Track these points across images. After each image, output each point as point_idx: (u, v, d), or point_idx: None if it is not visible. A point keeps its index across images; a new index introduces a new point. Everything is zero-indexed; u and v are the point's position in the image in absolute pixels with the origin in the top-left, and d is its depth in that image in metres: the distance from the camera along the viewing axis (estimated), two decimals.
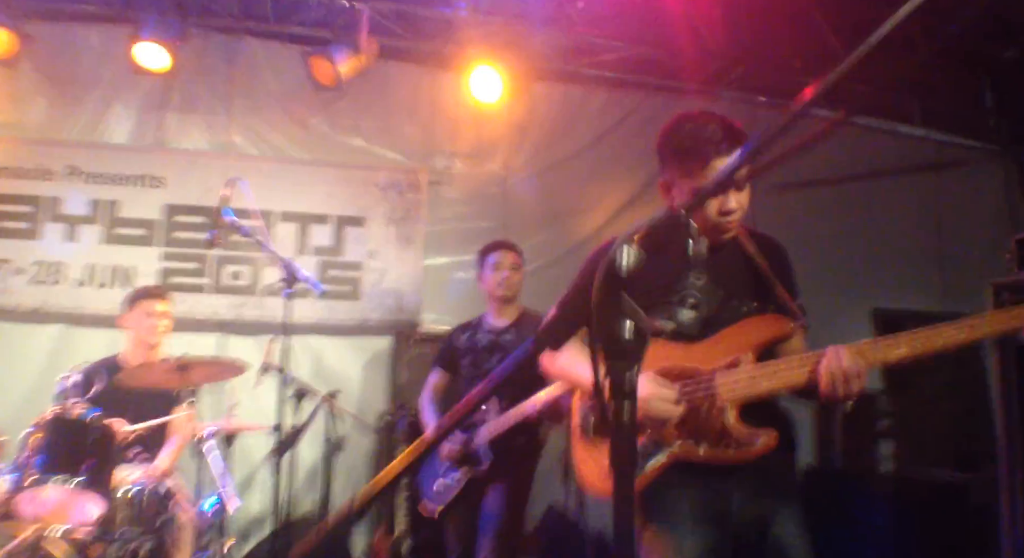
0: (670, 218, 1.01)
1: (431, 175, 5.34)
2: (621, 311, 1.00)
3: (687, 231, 1.02)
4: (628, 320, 1.00)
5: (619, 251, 1.00)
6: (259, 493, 4.69)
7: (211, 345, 4.81)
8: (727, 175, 1.01)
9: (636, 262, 0.99)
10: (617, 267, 0.99)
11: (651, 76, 5.76)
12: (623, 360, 1.00)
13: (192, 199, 4.87)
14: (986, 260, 6.34)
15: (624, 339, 1.00)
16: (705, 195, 1.01)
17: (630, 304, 1.00)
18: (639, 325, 1.00)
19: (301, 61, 4.90)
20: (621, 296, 1.00)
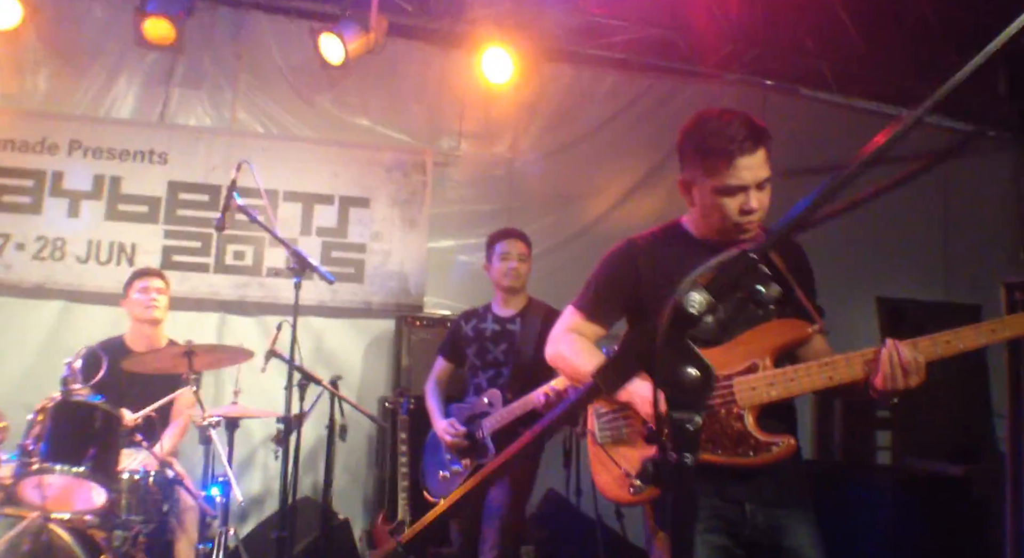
0: (738, 260, 0.97)
1: (437, 156, 5.28)
2: (685, 357, 0.96)
3: (756, 274, 0.97)
4: (692, 368, 0.96)
5: (686, 294, 0.95)
6: (257, 475, 4.72)
7: (212, 325, 4.80)
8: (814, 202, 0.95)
9: (704, 306, 0.94)
10: (684, 311, 0.95)
11: (662, 58, 5.67)
12: (685, 410, 0.96)
13: (196, 176, 4.81)
14: (991, 251, 6.33)
15: (687, 388, 0.96)
16: (775, 239, 0.95)
17: (694, 350, 0.96)
18: (704, 373, 0.96)
19: (309, 37, 4.80)
20: (686, 341, 0.96)
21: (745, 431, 2.03)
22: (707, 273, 0.96)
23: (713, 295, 0.94)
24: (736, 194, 2.06)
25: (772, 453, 2.02)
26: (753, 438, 2.02)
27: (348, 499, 4.77)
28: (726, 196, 2.07)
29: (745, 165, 2.03)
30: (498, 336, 3.62)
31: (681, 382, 0.96)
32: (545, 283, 4.21)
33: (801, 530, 2.08)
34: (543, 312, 3.65)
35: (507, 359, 3.56)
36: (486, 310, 3.74)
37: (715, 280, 0.95)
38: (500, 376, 3.55)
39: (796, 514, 2.10)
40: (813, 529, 2.11)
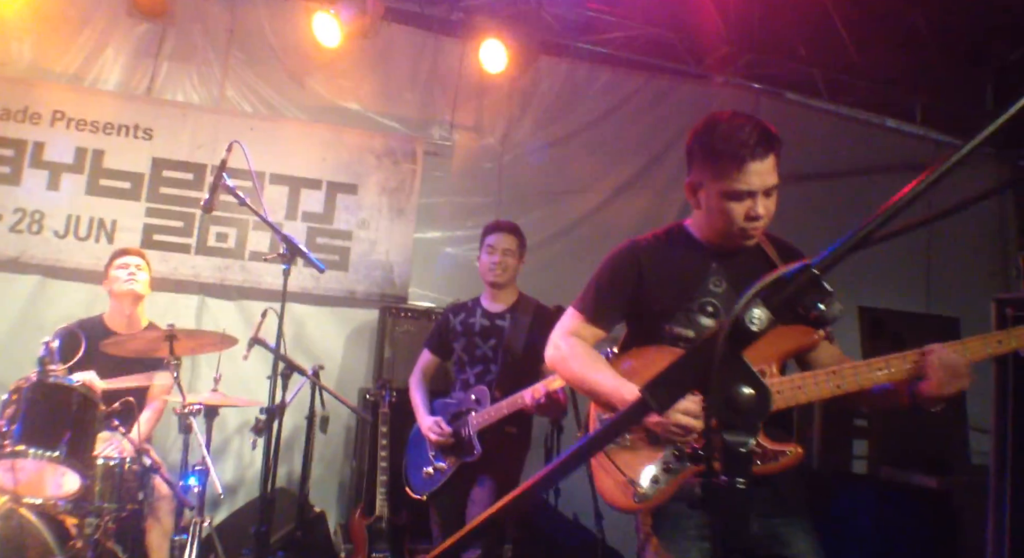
0: (800, 274, 0.92)
1: (428, 145, 5.20)
2: (741, 376, 0.91)
3: (818, 290, 0.92)
4: (747, 387, 0.91)
5: (747, 310, 0.90)
6: (231, 464, 4.63)
7: (192, 307, 4.69)
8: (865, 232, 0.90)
9: (765, 323, 0.89)
10: (744, 328, 0.89)
11: (657, 57, 5.64)
12: (739, 433, 0.92)
13: (181, 154, 4.69)
14: (973, 265, 6.41)
15: (742, 408, 0.91)
16: (842, 254, 0.90)
17: (750, 369, 0.91)
18: (760, 394, 0.91)
19: (304, 17, 4.70)
20: (742, 359, 0.91)
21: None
22: (766, 286, 0.91)
23: (773, 312, 0.89)
24: (744, 199, 2.04)
25: (780, 462, 2.01)
26: (761, 447, 2.01)
27: (323, 491, 4.70)
28: (733, 201, 2.05)
29: (755, 170, 2.01)
30: (487, 331, 3.56)
31: (736, 402, 0.91)
32: (532, 279, 4.16)
33: (800, 538, 2.09)
34: (533, 308, 3.60)
35: (496, 355, 3.50)
36: (475, 304, 3.68)
37: (775, 296, 0.91)
38: (488, 372, 3.50)
39: (795, 523, 2.10)
40: (812, 537, 2.11)
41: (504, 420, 3.31)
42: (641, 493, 2.06)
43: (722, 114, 2.12)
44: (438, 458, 3.43)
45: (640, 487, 2.06)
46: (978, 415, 5.41)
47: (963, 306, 5.79)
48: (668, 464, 2.06)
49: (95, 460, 3.05)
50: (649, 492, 2.06)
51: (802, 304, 0.91)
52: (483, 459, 3.32)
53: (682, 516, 2.06)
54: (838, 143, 6.07)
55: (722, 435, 0.91)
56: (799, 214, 5.93)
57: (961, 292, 6.11)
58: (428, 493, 3.44)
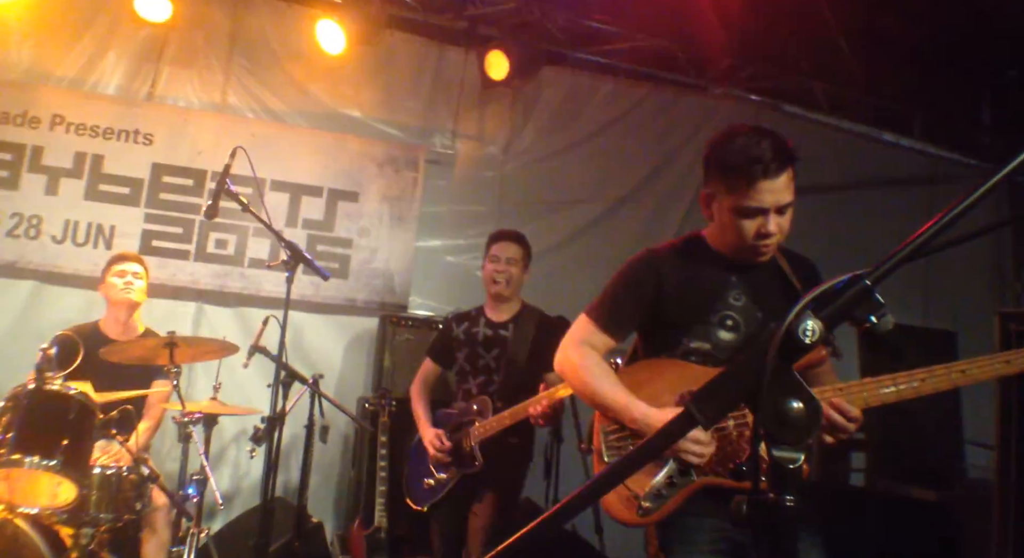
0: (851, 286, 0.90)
1: (430, 154, 5.18)
2: (791, 390, 0.89)
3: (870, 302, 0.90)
4: (797, 401, 0.89)
5: (800, 322, 0.87)
6: (228, 473, 4.58)
7: (189, 315, 4.65)
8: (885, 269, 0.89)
9: (818, 336, 0.87)
10: (797, 340, 0.87)
11: (660, 69, 5.65)
12: (788, 448, 0.89)
13: (181, 159, 4.66)
14: (969, 279, 6.42)
15: (791, 423, 0.88)
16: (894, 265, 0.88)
17: (801, 383, 0.89)
18: (810, 408, 0.89)
19: (307, 24, 4.69)
20: (792, 373, 0.89)
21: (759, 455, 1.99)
22: (817, 297, 0.89)
23: (824, 324, 0.87)
24: (755, 216, 2.03)
25: None
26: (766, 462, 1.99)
27: (320, 501, 4.65)
28: (745, 217, 2.04)
29: (767, 188, 1.99)
30: (490, 341, 3.53)
31: (785, 417, 0.88)
32: (533, 288, 4.13)
33: (809, 554, 2.06)
34: (537, 318, 3.57)
35: (499, 366, 3.47)
36: (479, 313, 3.65)
37: (825, 307, 0.88)
38: (491, 383, 3.46)
39: (804, 538, 2.08)
40: (821, 552, 2.09)
41: (506, 431, 3.28)
42: (645, 507, 2.04)
43: (741, 127, 2.10)
44: (439, 469, 3.39)
45: (644, 501, 2.04)
46: (974, 429, 5.42)
47: (961, 320, 5.81)
48: (672, 478, 2.04)
49: (92, 469, 3.00)
50: (653, 506, 2.04)
51: (854, 316, 0.88)
52: (485, 470, 3.28)
53: (693, 530, 2.05)
54: (837, 156, 6.08)
55: (771, 451, 0.89)
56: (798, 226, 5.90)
57: (958, 306, 6.13)
58: (429, 504, 3.40)
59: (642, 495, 2.07)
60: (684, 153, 5.59)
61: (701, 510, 2.03)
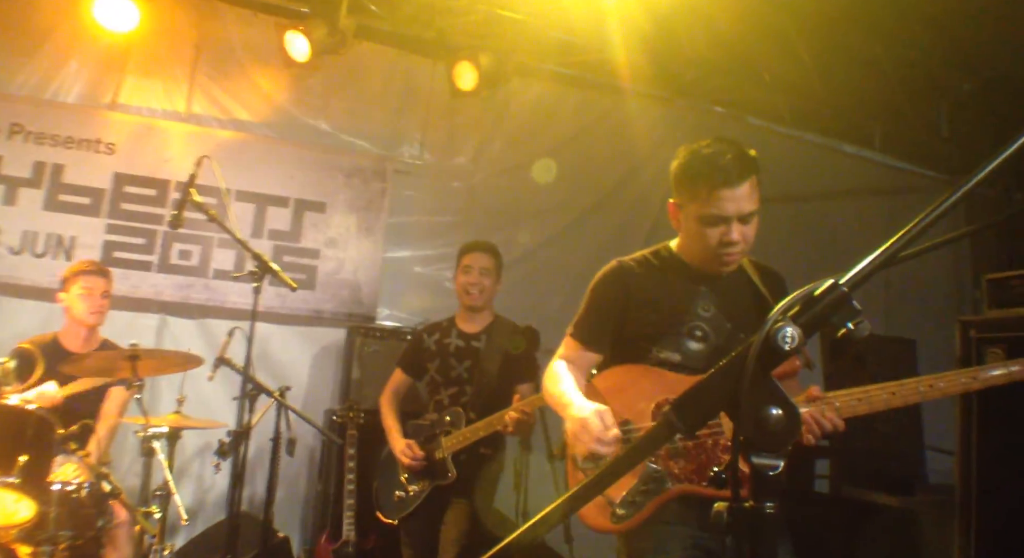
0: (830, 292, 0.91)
1: (398, 164, 5.16)
2: (770, 397, 0.89)
3: (847, 308, 0.91)
4: (776, 408, 0.89)
5: (779, 329, 0.87)
6: (191, 488, 4.49)
7: (152, 327, 4.55)
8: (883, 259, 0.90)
9: (797, 342, 0.87)
10: (776, 347, 0.87)
11: (626, 81, 5.70)
12: (767, 455, 0.89)
13: (144, 169, 4.57)
14: (929, 288, 6.56)
15: (771, 430, 0.88)
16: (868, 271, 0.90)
17: (780, 389, 0.89)
18: (789, 415, 0.89)
19: (274, 33, 4.64)
20: (771, 379, 0.89)
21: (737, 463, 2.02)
22: (796, 306, 0.90)
23: (803, 330, 0.88)
24: (718, 224, 2.06)
25: None
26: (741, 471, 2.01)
27: (287, 515, 4.58)
28: (708, 225, 2.07)
29: (728, 196, 2.03)
30: (462, 352, 3.52)
31: (764, 424, 0.89)
32: (502, 299, 4.13)
33: None
34: (508, 330, 3.57)
35: (471, 376, 3.46)
36: (450, 324, 3.64)
37: (804, 313, 0.89)
38: (463, 394, 3.45)
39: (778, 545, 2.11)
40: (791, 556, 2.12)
41: (478, 442, 3.27)
42: (619, 514, 2.05)
43: (704, 140, 2.15)
44: (411, 481, 3.37)
45: (618, 508, 2.05)
46: (934, 435, 5.52)
47: (921, 328, 5.93)
48: (647, 485, 2.05)
49: (51, 486, 2.92)
50: (627, 513, 2.05)
51: (832, 322, 0.89)
52: (457, 482, 3.27)
53: (666, 538, 2.06)
54: (800, 168, 6.19)
55: (751, 458, 0.89)
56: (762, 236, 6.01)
57: (918, 314, 6.25)
58: (400, 517, 3.37)
59: (617, 502, 2.07)
60: (651, 163, 5.64)
61: (675, 518, 2.04)
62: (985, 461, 3.30)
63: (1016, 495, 3.16)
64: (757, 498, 0.89)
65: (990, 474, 3.28)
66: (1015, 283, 3.17)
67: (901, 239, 0.87)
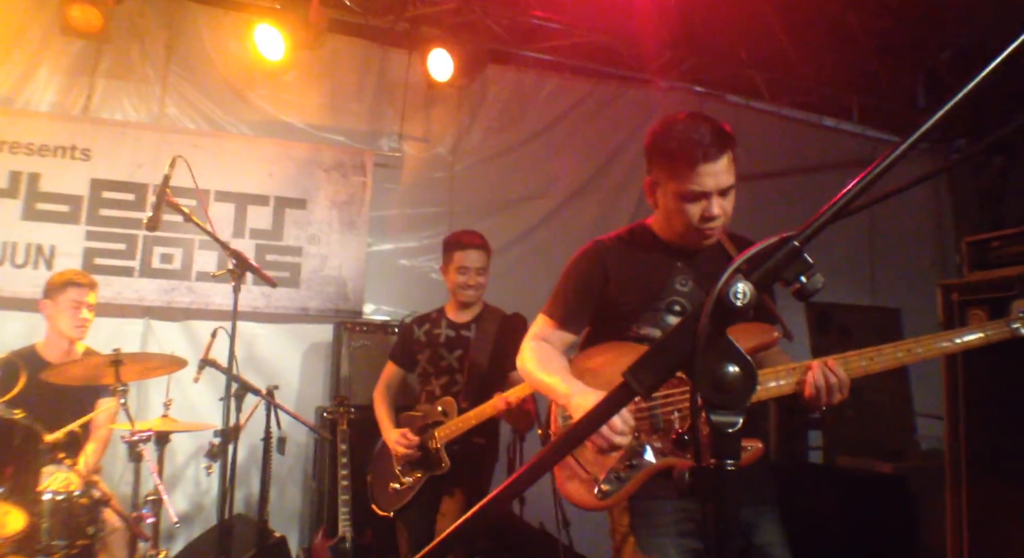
0: (781, 247, 0.90)
1: (377, 157, 5.13)
2: (726, 354, 0.88)
3: (799, 262, 0.90)
4: (733, 365, 0.89)
5: (729, 284, 0.87)
6: (186, 491, 4.47)
7: (136, 333, 4.52)
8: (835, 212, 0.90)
9: (749, 298, 0.87)
10: (728, 303, 0.87)
11: (602, 63, 5.69)
12: (726, 413, 0.89)
13: (121, 174, 4.53)
14: (913, 258, 6.60)
15: (728, 387, 0.88)
16: (820, 226, 0.89)
17: (735, 347, 0.89)
18: (746, 371, 0.88)
19: (245, 30, 4.60)
20: (727, 337, 0.88)
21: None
22: (747, 262, 0.90)
23: (755, 286, 0.88)
24: (699, 200, 2.05)
25: (742, 458, 2.02)
26: None
27: (282, 515, 4.58)
28: (689, 201, 2.06)
29: (708, 171, 2.02)
30: (452, 342, 3.51)
31: (721, 381, 0.88)
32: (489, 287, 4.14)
33: (770, 527, 2.13)
34: (498, 318, 3.56)
35: (462, 366, 3.45)
36: (440, 315, 3.62)
37: (756, 270, 0.89)
38: (454, 383, 3.44)
39: (764, 512, 2.14)
40: (780, 527, 2.16)
41: (472, 431, 3.27)
42: (604, 490, 2.06)
43: (678, 115, 2.13)
44: (405, 472, 3.36)
45: (603, 484, 2.05)
46: (924, 401, 5.57)
47: (906, 297, 5.97)
48: (631, 460, 2.05)
49: (41, 496, 2.90)
50: (612, 489, 2.05)
51: (784, 277, 0.89)
52: (452, 472, 3.26)
53: (657, 513, 2.06)
54: (779, 143, 6.21)
55: (709, 416, 0.89)
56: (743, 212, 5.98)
57: (904, 284, 6.29)
58: (396, 509, 3.36)
59: (601, 479, 2.08)
60: (631, 146, 5.63)
61: (664, 492, 2.05)
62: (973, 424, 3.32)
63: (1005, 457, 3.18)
64: (718, 456, 0.89)
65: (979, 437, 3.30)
66: (995, 245, 3.18)
67: (850, 192, 0.87)
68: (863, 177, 0.87)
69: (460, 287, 3.49)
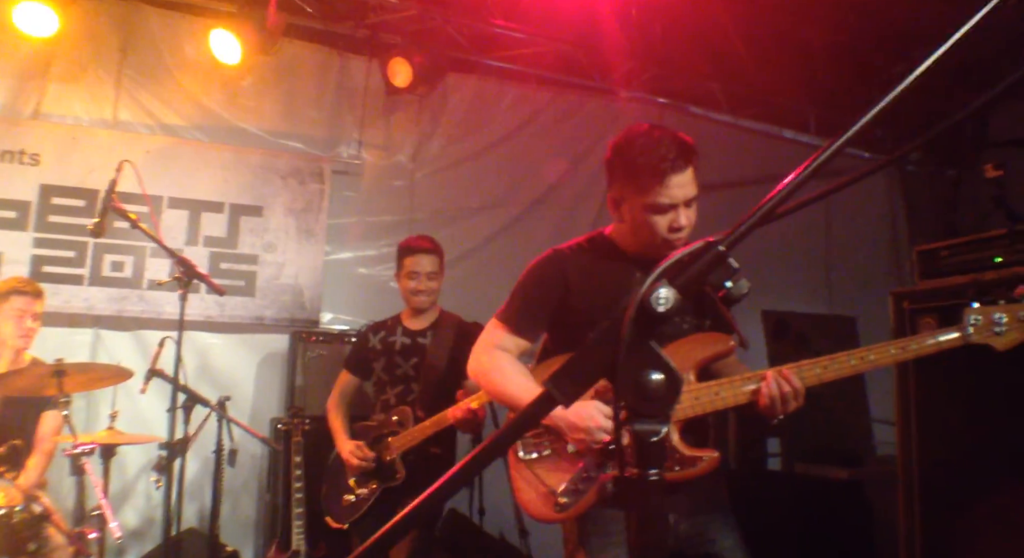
0: (705, 252, 0.89)
1: (336, 164, 5.07)
2: (650, 361, 0.87)
3: (724, 268, 0.89)
4: (657, 373, 0.87)
5: (652, 289, 0.86)
6: (137, 506, 4.35)
7: (85, 343, 4.39)
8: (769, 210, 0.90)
9: (672, 303, 0.85)
10: (651, 309, 0.85)
11: (564, 73, 5.71)
12: (650, 421, 0.87)
13: (71, 180, 4.41)
14: (869, 266, 6.71)
15: (652, 395, 0.86)
16: (745, 230, 0.88)
17: (660, 354, 0.87)
18: (670, 379, 0.87)
19: (201, 34, 4.52)
20: (650, 344, 0.87)
21: (671, 446, 2.03)
22: (672, 268, 0.88)
23: (679, 291, 0.86)
24: (667, 212, 2.06)
25: (697, 468, 2.03)
26: (679, 453, 2.03)
27: (236, 528, 4.47)
28: (656, 213, 2.06)
29: (676, 183, 2.03)
30: (408, 350, 3.47)
31: (645, 389, 0.86)
32: (448, 295, 4.09)
33: (726, 533, 2.15)
34: (455, 325, 3.53)
35: (417, 374, 3.41)
36: (395, 322, 3.58)
37: (681, 275, 0.88)
38: (410, 392, 3.40)
39: (719, 519, 2.15)
40: (737, 533, 2.17)
41: (428, 441, 3.22)
42: (562, 503, 2.05)
43: (639, 127, 2.13)
44: (359, 484, 3.30)
45: (561, 497, 2.04)
46: (880, 407, 5.65)
47: (862, 305, 6.06)
48: (588, 472, 2.04)
49: None
50: (570, 501, 2.05)
51: (709, 282, 0.88)
52: (407, 483, 3.22)
53: (609, 521, 2.05)
54: (740, 154, 6.27)
55: (632, 425, 0.87)
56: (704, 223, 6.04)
57: (859, 292, 6.38)
58: (350, 521, 3.30)
59: (559, 491, 2.06)
60: (592, 155, 5.65)
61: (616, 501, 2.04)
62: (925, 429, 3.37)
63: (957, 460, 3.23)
64: (641, 465, 0.87)
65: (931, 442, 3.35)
66: (944, 254, 3.24)
67: (775, 197, 0.87)
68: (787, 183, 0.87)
69: (411, 292, 3.46)
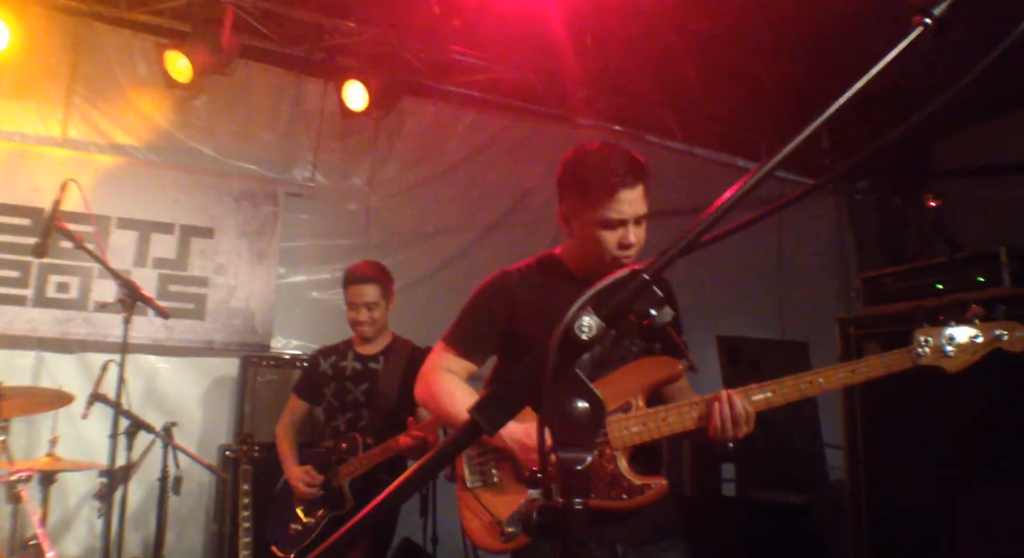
0: (630, 280, 0.90)
1: (289, 187, 5.03)
2: (574, 389, 0.87)
3: (649, 296, 0.90)
4: (581, 401, 0.87)
5: (576, 319, 0.86)
6: (78, 536, 4.19)
7: (27, 366, 4.24)
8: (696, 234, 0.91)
9: (595, 331, 0.86)
10: (574, 337, 0.85)
11: (520, 100, 5.76)
12: (574, 449, 0.86)
13: (16, 198, 4.29)
14: (819, 292, 6.85)
15: (577, 423, 0.86)
16: (671, 257, 0.89)
17: (584, 381, 0.87)
18: (594, 407, 0.87)
19: (154, 53, 4.47)
20: (575, 371, 0.87)
21: (619, 473, 2.01)
22: (597, 296, 0.89)
23: (604, 320, 0.87)
24: (616, 228, 2.06)
25: (646, 496, 2.01)
26: (627, 481, 2.01)
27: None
28: (606, 229, 2.06)
29: (626, 199, 2.03)
30: (359, 375, 3.42)
31: (570, 417, 0.86)
32: (403, 320, 4.06)
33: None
34: (408, 351, 3.50)
35: (368, 400, 3.36)
36: (347, 347, 3.53)
37: (606, 304, 0.88)
38: (360, 418, 3.35)
39: (670, 548, 2.12)
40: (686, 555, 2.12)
41: (378, 468, 3.18)
42: (508, 533, 2.02)
43: (590, 144, 2.15)
44: (307, 512, 3.23)
45: (508, 527, 2.02)
46: (832, 433, 5.73)
47: (813, 331, 6.17)
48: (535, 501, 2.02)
49: None
50: (517, 531, 2.02)
51: (633, 310, 0.89)
52: (355, 511, 3.15)
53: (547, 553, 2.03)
54: (693, 181, 6.36)
55: (557, 453, 0.87)
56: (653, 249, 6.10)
57: (810, 318, 6.50)
58: (297, 551, 3.22)
59: (505, 520, 2.04)
60: (549, 181, 5.62)
61: None
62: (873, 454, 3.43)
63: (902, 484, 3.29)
64: (566, 494, 0.86)
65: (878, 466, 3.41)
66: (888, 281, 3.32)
67: (700, 225, 0.89)
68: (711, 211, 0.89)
69: (352, 322, 3.42)
